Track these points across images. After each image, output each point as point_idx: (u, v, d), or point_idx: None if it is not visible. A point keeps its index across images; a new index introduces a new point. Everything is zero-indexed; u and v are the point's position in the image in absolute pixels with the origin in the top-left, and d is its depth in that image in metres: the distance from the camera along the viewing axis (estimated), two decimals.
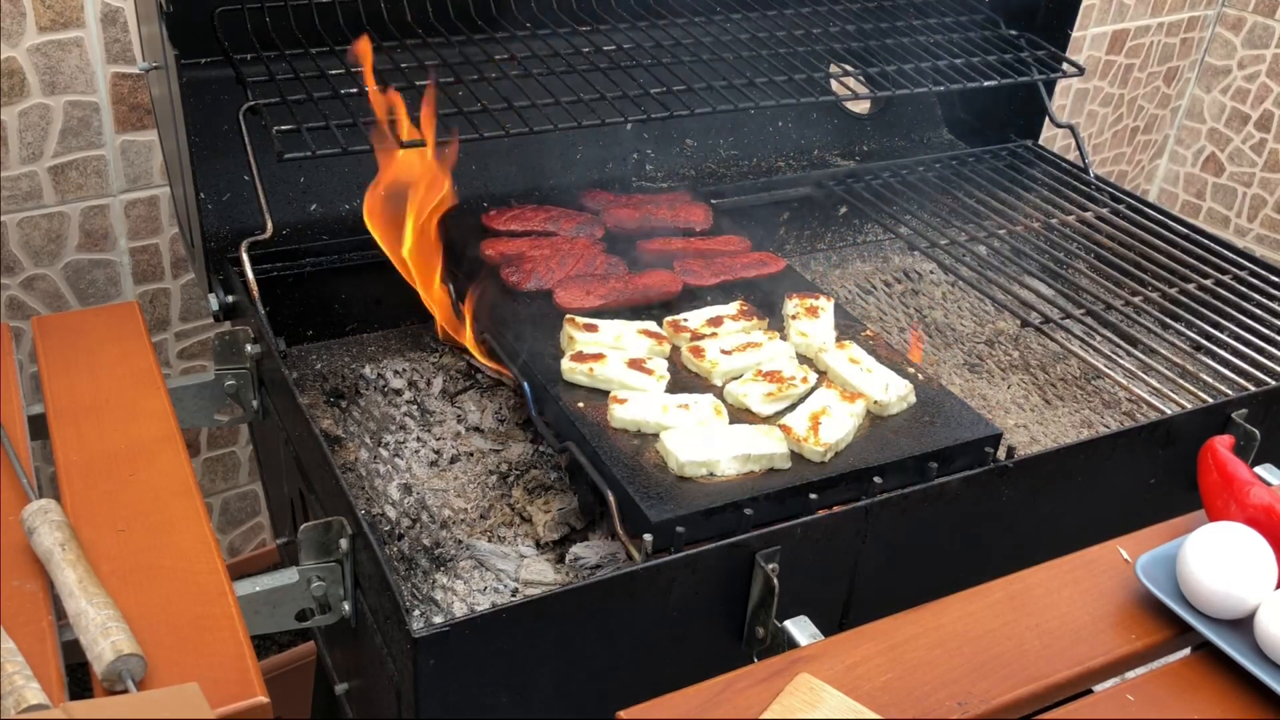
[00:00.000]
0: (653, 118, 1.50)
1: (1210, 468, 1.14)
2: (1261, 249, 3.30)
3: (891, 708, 0.92)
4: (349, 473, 1.33)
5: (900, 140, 2.06)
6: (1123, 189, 1.91)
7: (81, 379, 1.29)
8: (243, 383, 1.41)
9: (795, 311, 1.42)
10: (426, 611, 1.17)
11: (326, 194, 1.63)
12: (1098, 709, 0.97)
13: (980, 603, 1.04)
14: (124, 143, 1.83)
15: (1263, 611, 0.99)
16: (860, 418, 1.25)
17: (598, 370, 1.27)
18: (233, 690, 0.93)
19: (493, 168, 1.71)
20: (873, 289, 1.80)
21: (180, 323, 2.01)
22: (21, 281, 1.83)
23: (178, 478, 1.16)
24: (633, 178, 1.82)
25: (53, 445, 1.20)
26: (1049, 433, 1.50)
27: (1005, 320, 1.72)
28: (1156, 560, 1.06)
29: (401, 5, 1.57)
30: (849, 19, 1.82)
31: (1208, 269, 1.70)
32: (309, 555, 1.10)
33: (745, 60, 1.65)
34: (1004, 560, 1.15)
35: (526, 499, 1.29)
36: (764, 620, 1.09)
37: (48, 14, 1.69)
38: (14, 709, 0.85)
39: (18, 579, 1.01)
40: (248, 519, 2.28)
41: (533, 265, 1.44)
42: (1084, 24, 2.90)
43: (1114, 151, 3.34)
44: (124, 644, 0.91)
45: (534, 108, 1.45)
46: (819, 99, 1.61)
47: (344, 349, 1.55)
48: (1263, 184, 3.27)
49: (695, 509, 1.11)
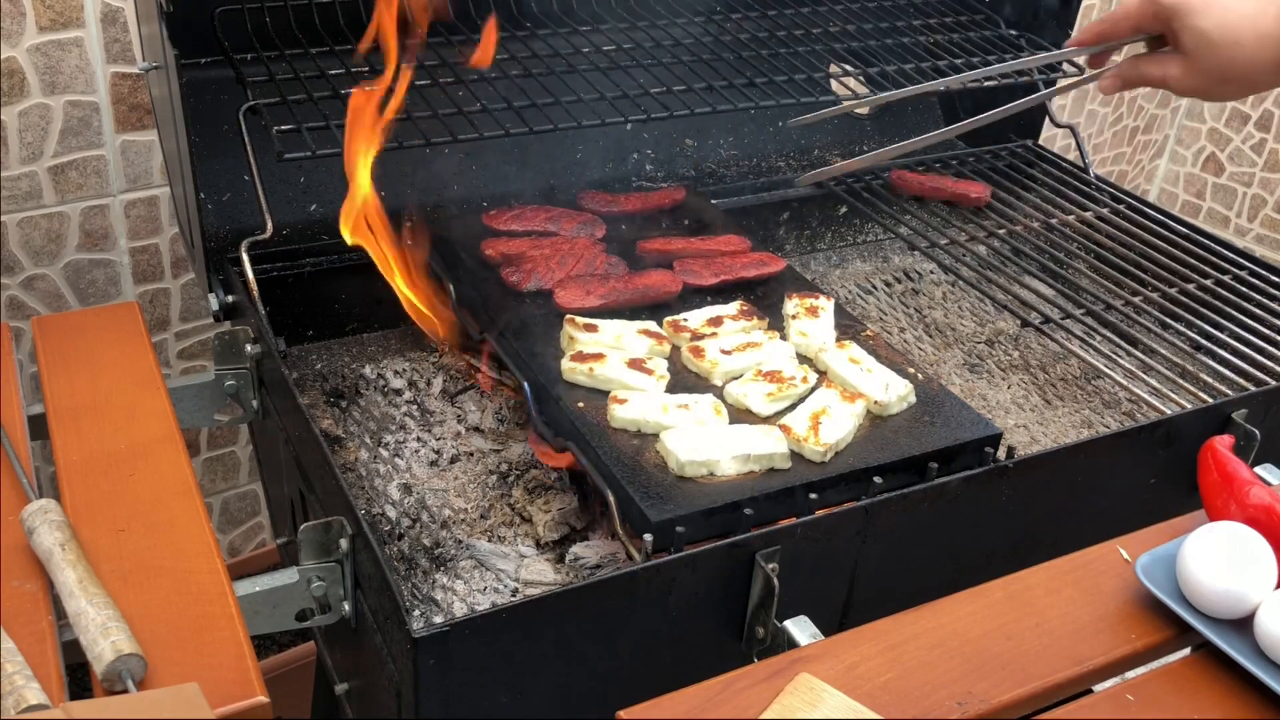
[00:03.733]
0: (653, 118, 1.51)
1: (1210, 468, 1.14)
2: (1261, 249, 3.30)
3: (891, 708, 0.92)
4: (349, 473, 1.33)
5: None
6: (1123, 189, 1.91)
7: (81, 379, 1.29)
8: (243, 383, 1.41)
9: (795, 311, 1.42)
10: (426, 611, 1.17)
11: (326, 194, 1.63)
12: (1097, 709, 0.97)
13: (980, 603, 1.04)
14: (124, 143, 1.83)
15: (1263, 611, 0.99)
16: (860, 418, 1.25)
17: (598, 370, 1.27)
18: (233, 690, 0.93)
19: (493, 168, 1.71)
20: (873, 289, 1.80)
21: (180, 323, 2.01)
22: (21, 281, 1.83)
23: (178, 478, 1.16)
24: (633, 178, 1.82)
25: (53, 445, 1.20)
26: (1049, 433, 1.50)
27: (1005, 320, 1.72)
28: (1156, 560, 1.06)
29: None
30: (849, 19, 1.82)
31: (1208, 269, 1.70)
32: (309, 555, 1.10)
33: (745, 60, 1.65)
34: (1004, 560, 1.15)
35: (526, 499, 1.29)
36: (764, 620, 1.09)
37: (48, 14, 1.69)
38: (14, 709, 0.85)
39: (18, 579, 1.01)
40: (248, 519, 2.29)
41: (533, 265, 1.44)
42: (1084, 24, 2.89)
43: (1114, 151, 3.34)
44: (124, 644, 0.91)
45: (534, 108, 1.45)
46: (819, 99, 1.61)
47: (344, 349, 1.55)
48: (1263, 184, 3.28)
49: (695, 509, 1.11)
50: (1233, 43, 1.13)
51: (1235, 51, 1.13)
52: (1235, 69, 1.15)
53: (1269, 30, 1.11)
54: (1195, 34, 1.15)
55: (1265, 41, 1.12)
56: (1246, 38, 1.12)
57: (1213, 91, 1.20)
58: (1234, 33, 1.13)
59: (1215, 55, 1.15)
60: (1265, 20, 1.12)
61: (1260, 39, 1.12)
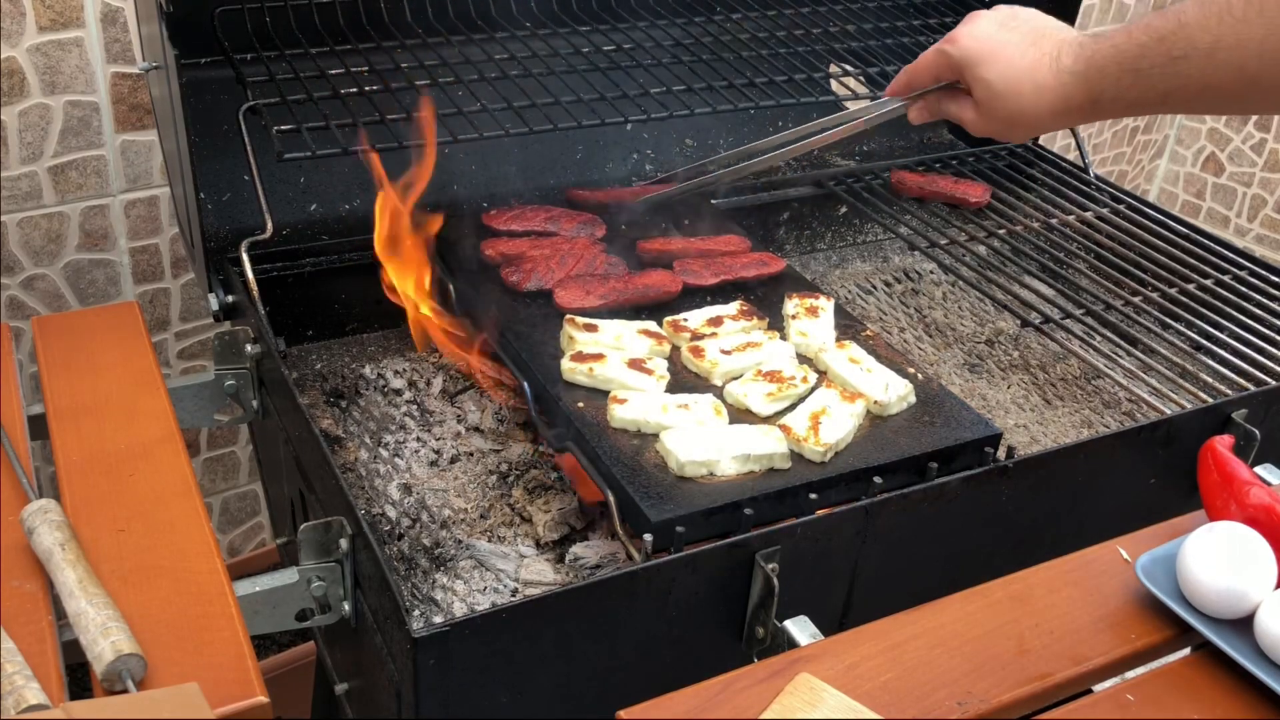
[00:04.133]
0: (653, 118, 1.50)
1: (1210, 468, 1.14)
2: (1261, 249, 3.30)
3: (891, 708, 0.92)
4: (349, 473, 1.33)
5: (900, 140, 2.06)
6: (1123, 189, 1.91)
7: (81, 379, 1.29)
8: (243, 383, 1.41)
9: (795, 311, 1.42)
10: (426, 611, 1.17)
11: (326, 194, 1.63)
12: (1098, 709, 0.97)
13: (980, 603, 1.04)
14: (124, 143, 1.83)
15: (1263, 611, 0.99)
16: (860, 418, 1.24)
17: (598, 370, 1.27)
18: (233, 690, 0.93)
19: (493, 168, 1.71)
20: (873, 289, 1.80)
21: (180, 323, 2.01)
22: (21, 281, 1.83)
23: (178, 478, 1.16)
24: (633, 177, 1.82)
25: (53, 445, 1.20)
26: (1049, 433, 1.50)
27: (1005, 320, 1.72)
28: (1156, 560, 1.06)
29: (401, 5, 1.57)
30: (849, 19, 1.82)
31: (1208, 269, 1.70)
32: (309, 555, 1.10)
33: (745, 60, 1.65)
34: (1004, 560, 1.15)
35: (526, 499, 1.29)
36: (764, 620, 1.09)
37: (48, 14, 1.69)
38: (14, 709, 0.85)
39: (18, 579, 1.01)
40: (248, 519, 2.28)
41: (533, 265, 1.44)
42: (1084, 24, 2.90)
43: (1114, 151, 3.34)
44: (124, 644, 0.91)
45: (534, 108, 1.45)
46: (819, 99, 1.62)
47: (344, 349, 1.55)
48: (1263, 184, 3.28)
49: (695, 509, 1.11)
50: (1014, 93, 1.21)
51: (1017, 101, 1.21)
52: (1019, 115, 1.22)
53: (1044, 82, 1.18)
54: (982, 84, 1.23)
55: (1042, 92, 1.19)
56: (1025, 88, 1.20)
57: (1002, 133, 1.27)
58: (1014, 84, 1.20)
59: (1001, 103, 1.22)
60: (1040, 72, 1.19)
61: (1037, 89, 1.19)
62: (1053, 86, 1.18)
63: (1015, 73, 1.20)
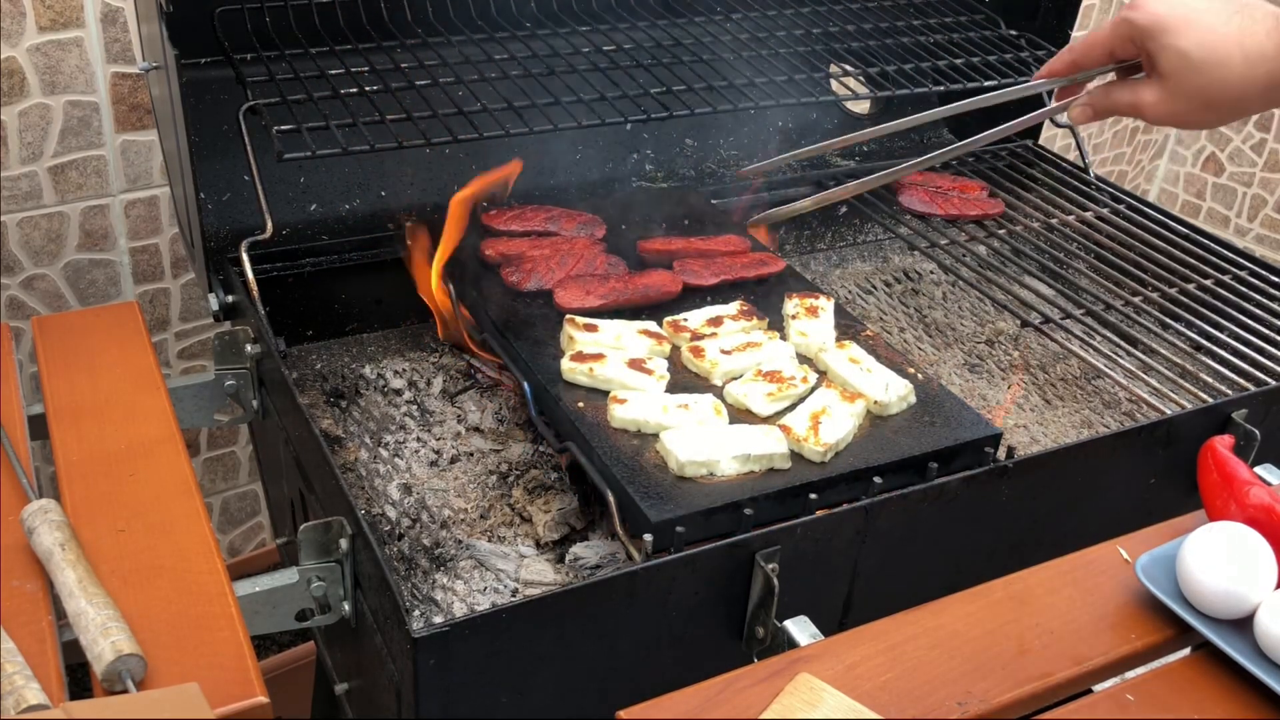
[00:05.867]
0: (653, 118, 1.50)
1: (1210, 468, 1.14)
2: (1261, 249, 3.30)
3: (891, 708, 0.92)
4: (349, 473, 1.33)
5: (900, 140, 2.06)
6: (1123, 189, 1.91)
7: (81, 379, 1.29)
8: (243, 383, 1.41)
9: (795, 311, 1.42)
10: (426, 611, 1.17)
11: (326, 194, 1.63)
12: (1098, 709, 0.97)
13: (980, 603, 1.04)
14: (124, 143, 1.83)
15: (1263, 611, 0.99)
16: (860, 418, 1.24)
17: (598, 370, 1.27)
18: (233, 690, 0.93)
19: (493, 168, 1.71)
20: (873, 289, 1.80)
21: (180, 323, 2.01)
22: (21, 281, 1.83)
23: (178, 478, 1.16)
24: (633, 177, 1.82)
25: (53, 445, 1.20)
26: (1049, 433, 1.50)
27: (1005, 320, 1.72)
28: (1156, 560, 1.06)
29: (401, 5, 1.57)
30: (849, 19, 1.82)
31: (1208, 269, 1.70)
32: (309, 555, 1.10)
33: (745, 60, 1.65)
34: (1004, 560, 1.15)
35: (526, 499, 1.29)
36: (764, 620, 1.09)
37: (48, 14, 1.69)
38: (14, 709, 0.85)
39: (18, 579, 1.01)
40: (248, 519, 2.28)
41: (533, 265, 1.44)
42: (1084, 24, 2.90)
43: (1114, 151, 3.34)
44: (124, 644, 0.91)
45: (534, 108, 1.45)
46: (819, 99, 1.61)
47: (344, 349, 1.55)
48: (1263, 184, 3.27)
49: (695, 509, 1.11)
50: (1217, 63, 1.03)
51: (1221, 72, 1.04)
52: (1220, 91, 1.05)
53: (1258, 48, 1.02)
54: (1174, 54, 1.06)
55: (1253, 61, 1.02)
56: (1234, 58, 1.03)
57: (1192, 117, 1.10)
58: (1218, 52, 1.03)
59: (1197, 77, 1.05)
60: (1254, 38, 1.02)
61: (1248, 58, 1.02)
62: (1274, 56, 1.02)
63: (1218, 40, 1.03)
